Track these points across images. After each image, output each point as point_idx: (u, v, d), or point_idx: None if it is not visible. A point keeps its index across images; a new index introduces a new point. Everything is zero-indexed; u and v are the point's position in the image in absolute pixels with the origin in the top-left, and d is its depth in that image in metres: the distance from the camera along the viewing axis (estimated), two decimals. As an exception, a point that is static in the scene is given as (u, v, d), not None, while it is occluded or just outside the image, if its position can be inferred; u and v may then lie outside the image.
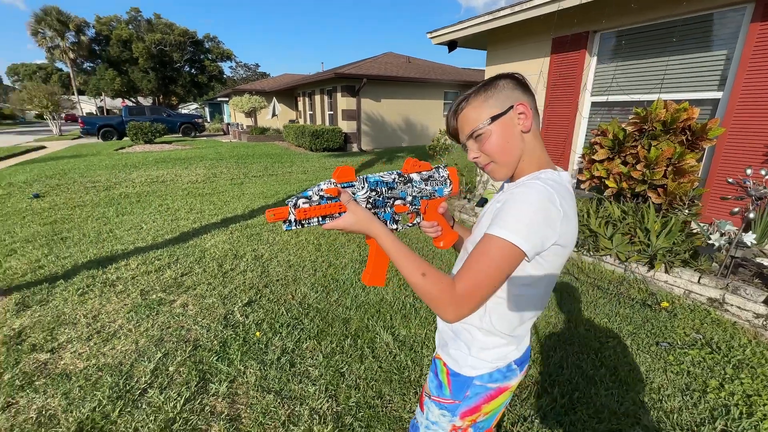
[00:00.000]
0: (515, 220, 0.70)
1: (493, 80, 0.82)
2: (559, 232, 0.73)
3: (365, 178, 0.80)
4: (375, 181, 0.81)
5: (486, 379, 0.88)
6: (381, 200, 0.82)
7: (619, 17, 3.73)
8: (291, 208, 0.67)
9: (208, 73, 31.93)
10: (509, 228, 0.70)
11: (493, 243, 0.71)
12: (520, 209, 0.71)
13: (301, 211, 0.68)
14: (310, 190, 0.70)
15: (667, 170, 3.15)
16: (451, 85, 14.52)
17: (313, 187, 0.71)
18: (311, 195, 0.69)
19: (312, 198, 0.69)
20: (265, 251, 3.71)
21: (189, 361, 2.05)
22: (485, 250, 0.72)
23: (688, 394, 1.85)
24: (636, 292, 2.86)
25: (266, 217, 0.66)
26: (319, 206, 0.70)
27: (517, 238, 0.69)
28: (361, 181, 0.79)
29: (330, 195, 0.71)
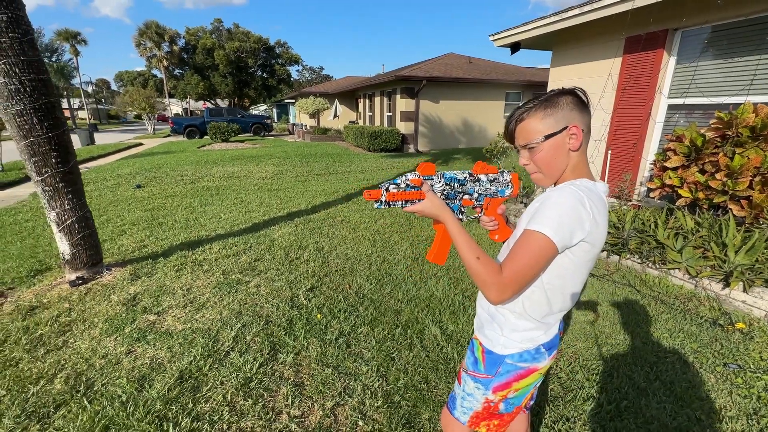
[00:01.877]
0: (548, 217, 0.84)
1: (555, 97, 0.91)
2: (587, 230, 0.85)
3: (442, 174, 0.99)
4: (450, 177, 0.99)
5: (516, 359, 1.01)
6: (453, 193, 1.00)
7: (703, 14, 3.45)
8: (383, 191, 0.86)
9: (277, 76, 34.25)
10: (543, 223, 0.84)
11: (531, 236, 0.85)
12: (552, 208, 0.85)
13: (391, 194, 0.86)
14: (399, 179, 0.89)
15: (754, 180, 2.88)
16: (513, 85, 14.06)
17: (401, 176, 0.90)
18: (400, 182, 0.88)
19: (400, 185, 0.88)
20: (325, 244, 4.03)
21: (262, 333, 2.38)
22: (525, 243, 0.86)
23: (755, 419, 1.75)
24: (706, 310, 2.67)
25: (363, 195, 0.86)
26: (404, 192, 0.88)
27: (548, 231, 0.83)
28: (439, 176, 0.97)
29: (414, 184, 0.89)
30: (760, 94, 3.24)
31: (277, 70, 34.05)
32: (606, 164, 4.55)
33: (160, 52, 30.57)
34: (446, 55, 16.29)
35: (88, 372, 2.02)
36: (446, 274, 3.30)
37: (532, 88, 14.45)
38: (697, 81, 3.70)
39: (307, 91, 20.36)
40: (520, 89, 14.36)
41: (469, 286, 3.09)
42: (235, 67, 31.39)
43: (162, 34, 29.88)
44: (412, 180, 0.88)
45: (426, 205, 0.90)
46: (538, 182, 0.99)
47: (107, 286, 2.98)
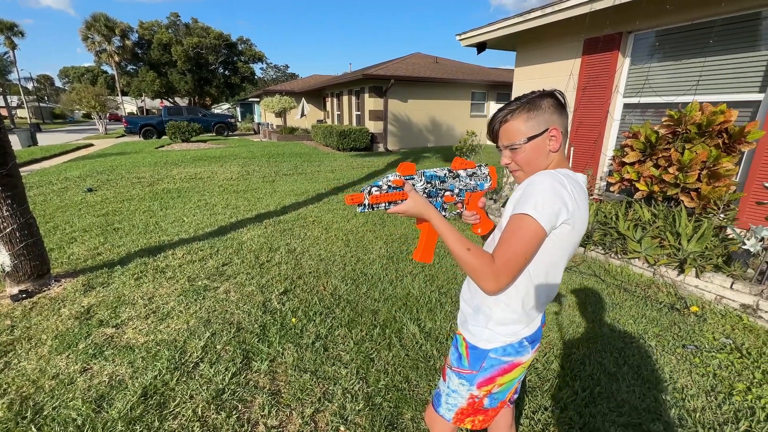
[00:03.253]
0: (532, 201, 0.85)
1: (538, 99, 0.95)
2: (570, 210, 0.87)
3: (422, 172, 0.98)
4: (430, 175, 0.99)
5: (500, 353, 1.01)
6: (434, 191, 1.00)
7: (655, 18, 3.68)
8: (366, 194, 0.84)
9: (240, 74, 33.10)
10: (528, 206, 0.85)
11: (519, 220, 0.86)
12: (535, 192, 0.86)
13: (374, 197, 0.85)
14: (380, 180, 0.87)
15: (702, 174, 3.10)
16: (479, 85, 14.42)
17: (383, 177, 0.88)
18: (381, 184, 0.87)
19: (382, 187, 0.86)
20: (297, 245, 3.92)
21: (234, 341, 2.26)
22: (514, 228, 0.87)
23: (712, 395, 1.87)
24: (664, 295, 2.85)
25: (345, 200, 0.84)
26: (387, 194, 0.87)
27: (534, 212, 0.84)
28: (420, 175, 0.96)
29: (396, 185, 0.88)
30: (705, 93, 3.50)
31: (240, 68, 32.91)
32: (569, 161, 4.75)
33: (110, 46, 28.60)
34: (413, 55, 16.43)
35: (36, 395, 1.82)
36: (422, 272, 3.30)
37: (497, 88, 14.90)
38: (650, 81, 3.94)
39: (273, 89, 19.82)
40: (485, 89, 14.76)
41: (444, 282, 3.11)
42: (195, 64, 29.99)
43: (112, 28, 27.96)
44: (394, 181, 0.88)
45: (410, 205, 0.90)
46: (519, 180, 1.01)
47: (56, 299, 2.72)
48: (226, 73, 33.01)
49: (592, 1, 3.76)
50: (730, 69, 3.35)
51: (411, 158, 10.84)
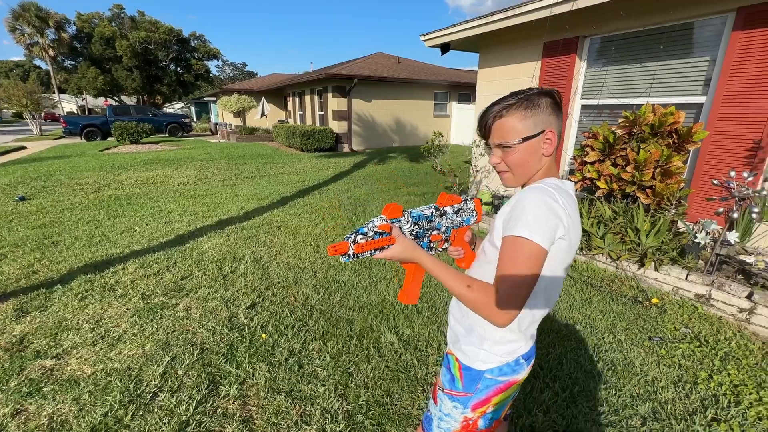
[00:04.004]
0: (526, 221, 0.79)
1: (536, 97, 0.87)
2: (566, 225, 0.82)
3: (409, 213, 0.91)
4: (417, 215, 0.92)
5: (496, 373, 0.95)
6: (422, 231, 0.93)
7: (608, 24, 3.86)
8: (351, 243, 0.76)
9: (194, 71, 31.42)
10: (524, 227, 0.78)
11: (516, 244, 0.80)
12: (527, 211, 0.80)
13: (359, 246, 0.78)
14: (366, 227, 0.80)
15: (655, 172, 3.28)
16: (441, 85, 14.65)
17: (368, 223, 0.81)
18: (367, 231, 0.79)
19: (368, 234, 0.79)
20: (263, 253, 3.72)
21: (197, 364, 2.07)
22: (512, 253, 0.80)
23: (680, 385, 1.95)
24: (627, 289, 2.98)
25: (328, 251, 0.75)
26: (373, 241, 0.80)
27: (530, 234, 0.78)
28: (406, 216, 0.89)
29: (382, 230, 0.81)
30: (657, 96, 3.72)
31: (193, 65, 31.23)
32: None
33: (43, 39, 26.03)
34: (375, 55, 16.39)
35: (-46, 448, 1.55)
36: (395, 276, 3.24)
37: (459, 89, 15.22)
38: (607, 83, 4.13)
39: (230, 88, 18.97)
40: (447, 89, 15.02)
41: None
42: (143, 60, 28.06)
43: (45, 19, 25.45)
44: (380, 227, 0.81)
45: (397, 250, 0.84)
46: (506, 182, 0.96)
47: (-19, 328, 2.36)
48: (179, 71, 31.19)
49: (551, 6, 3.87)
50: (678, 73, 3.58)
51: (377, 159, 10.78)
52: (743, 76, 3.08)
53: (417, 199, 6.05)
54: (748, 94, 3.07)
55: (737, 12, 3.09)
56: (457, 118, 15.12)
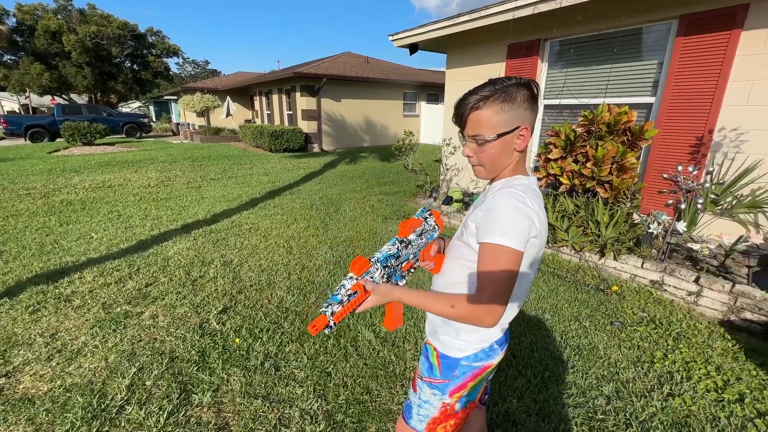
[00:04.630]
0: (501, 227, 0.83)
1: (513, 89, 0.86)
2: (537, 226, 0.87)
3: (376, 260, 0.91)
4: (385, 258, 0.93)
5: (472, 359, 0.99)
6: (392, 270, 0.95)
7: (567, 28, 4.06)
8: (329, 316, 0.78)
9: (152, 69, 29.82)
10: (499, 234, 0.83)
11: (493, 251, 0.84)
12: (502, 216, 0.84)
13: (338, 314, 0.80)
14: (338, 294, 0.82)
15: (612, 167, 3.49)
16: (410, 85, 14.80)
17: (339, 289, 0.83)
18: (341, 298, 0.81)
19: (343, 301, 0.81)
20: (234, 256, 3.61)
21: (167, 374, 1.98)
22: (489, 259, 0.84)
23: (639, 365, 2.10)
24: (590, 278, 3.16)
25: (310, 331, 0.78)
26: (349, 303, 0.82)
27: (506, 240, 0.82)
28: (375, 264, 0.90)
29: (355, 290, 0.83)
30: (613, 96, 3.96)
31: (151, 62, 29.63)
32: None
33: (-22, 32, 23.76)
34: (343, 54, 16.31)
35: None
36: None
37: (427, 89, 15.45)
38: (567, 84, 4.34)
39: (193, 86, 18.21)
40: (416, 89, 15.20)
41: (395, 283, 3.08)
42: (95, 57, 26.26)
43: (-21, 10, 23.27)
44: (353, 287, 0.84)
45: (375, 300, 0.88)
46: (478, 174, 0.99)
47: None
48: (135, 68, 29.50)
49: (514, 9, 4.02)
50: (630, 75, 3.83)
51: (348, 158, 10.73)
52: (686, 79, 3.35)
53: (389, 198, 6.08)
54: (691, 95, 3.34)
55: (680, 19, 3.35)
56: (427, 117, 15.34)
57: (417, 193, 6.31)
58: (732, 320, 2.54)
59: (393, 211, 5.30)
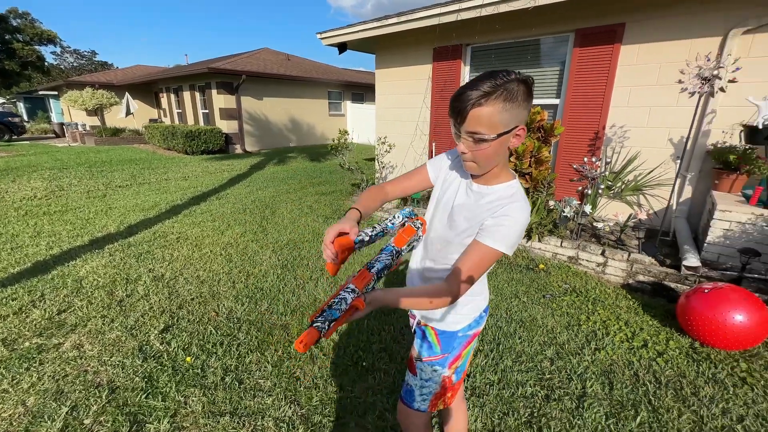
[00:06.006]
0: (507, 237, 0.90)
1: (514, 86, 0.84)
2: None
3: (375, 272, 0.89)
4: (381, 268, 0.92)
5: (466, 329, 1.10)
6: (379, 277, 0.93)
7: (486, 34, 4.46)
8: (321, 333, 0.72)
9: (20, 58, 24.91)
10: (502, 243, 0.90)
11: (489, 252, 0.91)
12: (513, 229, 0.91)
13: (331, 330, 0.74)
14: (337, 310, 0.75)
15: (531, 161, 3.95)
16: (334, 84, 14.72)
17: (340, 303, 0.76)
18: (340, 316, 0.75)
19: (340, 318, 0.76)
20: (164, 270, 3.26)
21: (110, 407, 1.73)
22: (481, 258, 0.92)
23: (570, 328, 2.44)
24: (521, 259, 3.55)
25: (297, 348, 0.68)
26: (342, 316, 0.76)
27: (507, 249, 0.92)
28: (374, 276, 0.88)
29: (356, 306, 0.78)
30: (525, 97, 4.46)
31: (17, 50, 24.72)
32: (432, 155, 5.35)
33: None
34: (262, 50, 15.53)
35: None
36: (321, 276, 3.21)
37: (352, 88, 15.53)
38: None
39: (80, 80, 15.65)
40: (341, 89, 15.18)
41: (348, 281, 3.10)
42: (-67, 40, 21.02)
43: None
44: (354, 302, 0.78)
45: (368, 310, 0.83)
46: (469, 169, 0.98)
47: None
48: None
49: (439, 15, 4.30)
50: (540, 79, 4.36)
51: (276, 159, 10.30)
52: (583, 84, 3.94)
53: (326, 197, 6.02)
54: (587, 97, 3.94)
55: (575, 33, 3.92)
56: (353, 117, 15.43)
57: (353, 192, 6.35)
58: (630, 283, 3.09)
59: (333, 210, 5.27)
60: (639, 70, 3.64)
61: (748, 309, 2.13)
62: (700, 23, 3.31)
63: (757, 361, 2.11)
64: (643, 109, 3.69)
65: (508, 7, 3.79)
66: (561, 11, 3.82)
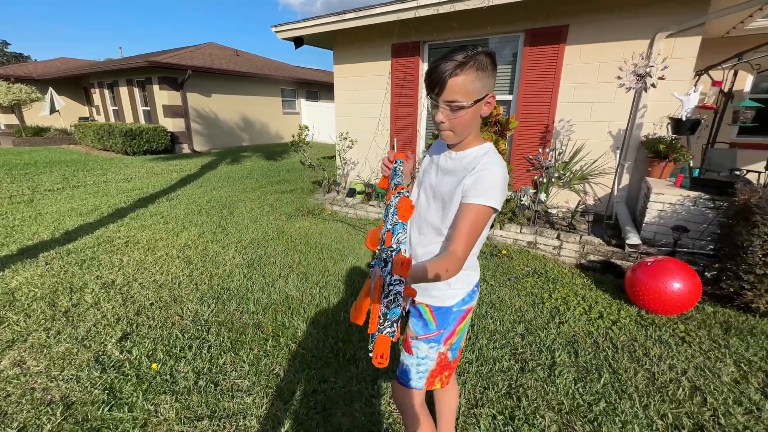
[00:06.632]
0: (491, 190, 0.95)
1: (483, 57, 0.91)
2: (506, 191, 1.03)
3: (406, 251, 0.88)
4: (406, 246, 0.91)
5: (460, 304, 1.13)
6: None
7: (443, 32, 4.60)
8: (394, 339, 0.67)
9: None
10: (487, 197, 0.95)
11: (478, 210, 0.95)
12: (494, 182, 0.96)
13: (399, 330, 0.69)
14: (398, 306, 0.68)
15: (490, 153, 4.15)
16: (288, 82, 14.34)
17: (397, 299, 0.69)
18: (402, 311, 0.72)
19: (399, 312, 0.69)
20: (114, 276, 2.99)
21: (67, 424, 1.56)
22: (473, 218, 0.95)
23: (535, 306, 2.61)
24: (485, 246, 3.71)
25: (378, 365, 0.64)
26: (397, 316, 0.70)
27: (494, 203, 0.95)
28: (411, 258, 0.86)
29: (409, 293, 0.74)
30: (481, 93, 4.66)
31: None
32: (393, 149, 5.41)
33: None
34: (208, 45, 14.71)
35: None
36: (291, 272, 3.13)
37: (306, 86, 15.23)
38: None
39: (-11, 73, 13.78)
40: (294, 86, 14.82)
41: (320, 277, 3.05)
42: None
43: None
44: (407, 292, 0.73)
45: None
46: (447, 139, 1.03)
47: None
48: None
49: (398, 12, 4.36)
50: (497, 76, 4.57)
51: (229, 159, 9.81)
52: (533, 81, 4.21)
53: (287, 195, 5.86)
54: (537, 93, 4.21)
55: (525, 33, 4.18)
56: (308, 114, 15.14)
57: (314, 190, 6.25)
58: (582, 263, 3.36)
59: (296, 208, 5.15)
60: (581, 69, 3.96)
61: (683, 277, 2.41)
62: (631, 27, 3.67)
63: (692, 323, 2.40)
64: (586, 104, 4.02)
65: (464, 5, 3.94)
66: (512, 11, 4.04)
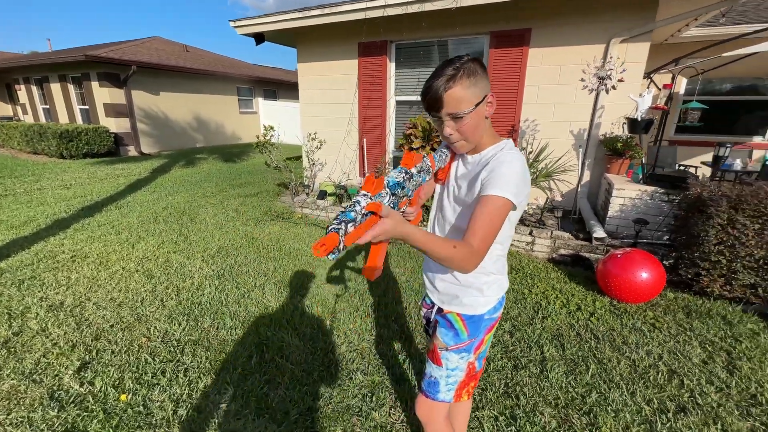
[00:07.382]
0: (507, 183, 0.91)
1: (471, 65, 0.92)
2: (529, 188, 1.00)
3: (387, 182, 0.82)
4: (393, 184, 0.84)
5: (491, 312, 1.10)
6: (396, 201, 0.86)
7: (413, 32, 4.59)
8: (340, 236, 0.63)
9: None
10: (503, 189, 0.91)
11: (494, 202, 0.91)
12: (509, 173, 0.92)
13: (350, 236, 0.66)
14: (352, 211, 0.68)
15: (461, 153, 4.21)
16: (244, 80, 13.73)
17: (354, 205, 0.69)
18: (355, 216, 0.68)
19: (357, 219, 0.68)
20: (63, 296, 2.66)
21: (23, 477, 1.34)
22: (488, 210, 0.90)
23: (518, 302, 2.67)
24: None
25: (314, 252, 0.60)
26: (361, 225, 0.69)
27: (510, 195, 0.91)
28: (385, 188, 0.80)
29: (371, 210, 0.71)
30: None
31: None
32: (363, 151, 5.34)
33: None
34: (153, 39, 13.66)
35: None
36: (267, 281, 2.96)
37: (263, 84, 14.67)
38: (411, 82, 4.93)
39: None
40: (251, 85, 14.21)
41: (299, 285, 2.91)
42: None
43: None
44: (368, 206, 0.71)
45: (387, 227, 0.73)
46: (461, 150, 1.02)
47: None
48: None
49: (366, 10, 4.29)
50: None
51: (183, 161, 9.18)
52: (500, 81, 4.32)
53: (252, 199, 5.58)
54: (504, 94, 4.34)
55: (490, 35, 4.29)
56: (266, 114, 14.59)
57: (280, 192, 6.02)
58: (554, 257, 3.50)
59: (263, 212, 4.91)
60: (544, 71, 4.14)
61: (649, 267, 2.58)
62: (587, 32, 3.89)
63: (658, 309, 2.58)
64: (549, 105, 4.20)
65: (432, 6, 3.96)
66: (478, 13, 4.13)
